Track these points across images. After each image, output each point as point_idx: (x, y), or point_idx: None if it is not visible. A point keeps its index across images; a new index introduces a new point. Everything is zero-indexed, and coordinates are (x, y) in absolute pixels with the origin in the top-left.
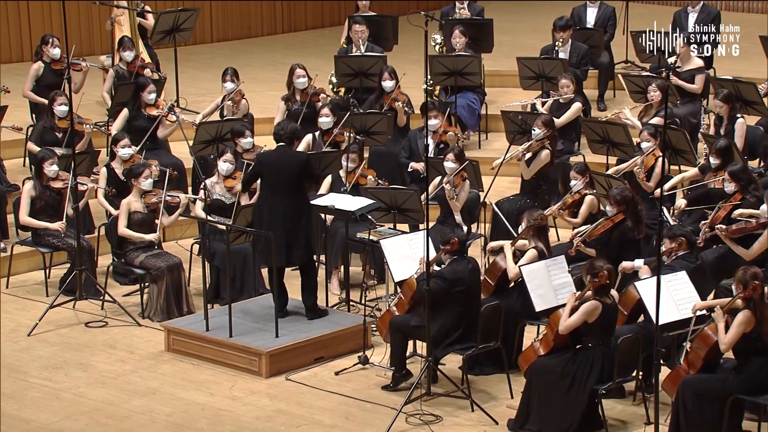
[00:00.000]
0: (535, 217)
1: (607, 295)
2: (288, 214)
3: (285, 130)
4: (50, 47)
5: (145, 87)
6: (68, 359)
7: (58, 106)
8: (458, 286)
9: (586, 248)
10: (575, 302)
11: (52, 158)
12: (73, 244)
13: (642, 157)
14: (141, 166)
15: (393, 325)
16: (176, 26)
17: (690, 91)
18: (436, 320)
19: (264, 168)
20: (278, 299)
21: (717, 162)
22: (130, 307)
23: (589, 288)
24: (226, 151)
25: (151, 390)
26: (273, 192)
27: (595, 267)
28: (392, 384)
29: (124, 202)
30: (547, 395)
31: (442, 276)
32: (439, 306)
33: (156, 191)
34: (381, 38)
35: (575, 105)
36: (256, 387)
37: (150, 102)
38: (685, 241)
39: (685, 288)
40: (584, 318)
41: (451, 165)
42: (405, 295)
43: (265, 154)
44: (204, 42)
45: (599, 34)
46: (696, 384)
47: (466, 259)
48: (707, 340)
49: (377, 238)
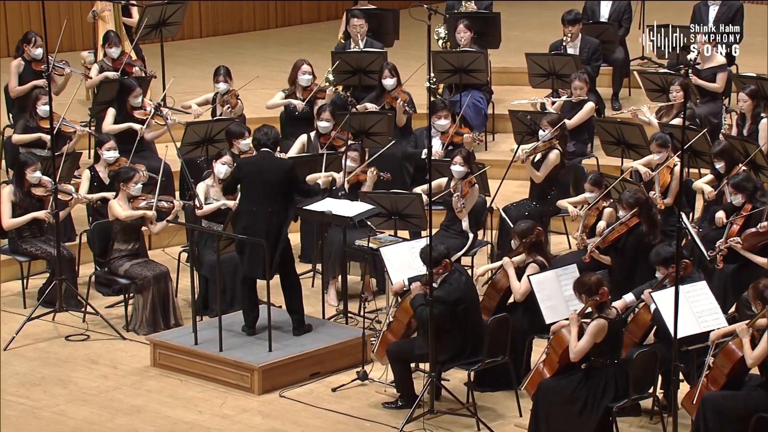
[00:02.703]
0: (525, 234)
1: (609, 309)
2: (271, 223)
3: (268, 136)
4: (32, 47)
5: (132, 91)
6: (47, 375)
7: (41, 105)
8: (459, 306)
9: (600, 255)
10: (578, 322)
11: (35, 164)
12: (53, 253)
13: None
14: (131, 170)
15: (391, 354)
16: (163, 20)
17: (711, 90)
18: (443, 348)
19: (245, 174)
20: (250, 313)
21: (722, 164)
22: (113, 320)
23: (589, 307)
24: (224, 153)
25: (136, 408)
26: (254, 200)
27: (586, 283)
28: (398, 404)
29: (113, 201)
30: (557, 416)
31: (441, 299)
32: (443, 331)
33: (145, 196)
34: (381, 33)
35: (588, 105)
36: (247, 404)
37: (137, 105)
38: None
39: (706, 299)
40: (594, 340)
41: (458, 169)
42: (401, 319)
43: (246, 160)
44: (193, 37)
45: (613, 29)
46: (718, 401)
47: (456, 272)
48: (731, 356)
49: (377, 245)
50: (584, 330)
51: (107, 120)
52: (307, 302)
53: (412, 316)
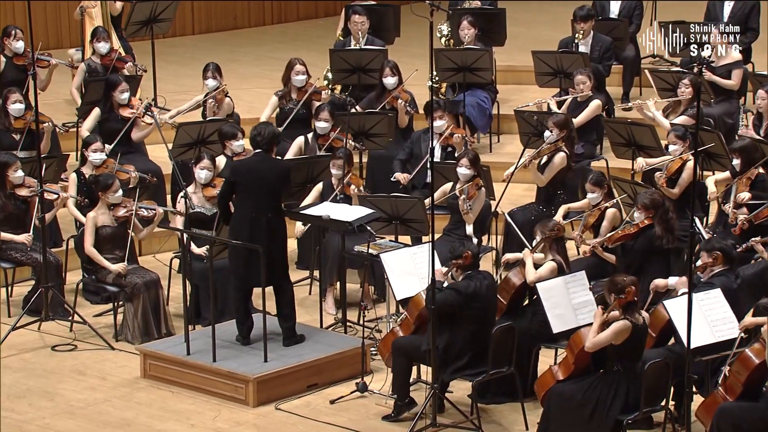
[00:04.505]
0: (551, 228)
1: (637, 314)
2: (269, 229)
3: (263, 135)
4: (13, 40)
5: (117, 86)
6: (32, 387)
7: (12, 104)
8: (474, 303)
9: (603, 252)
10: (603, 318)
11: (16, 163)
12: (39, 259)
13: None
14: (110, 177)
15: (396, 348)
16: (153, 16)
17: (726, 87)
18: (445, 338)
19: (240, 178)
20: (244, 323)
21: (739, 162)
22: (101, 329)
23: (615, 306)
24: (203, 158)
25: (126, 421)
26: (251, 206)
27: (618, 283)
28: (394, 413)
29: (89, 217)
30: (566, 424)
31: (456, 289)
32: (451, 322)
33: (126, 202)
34: (381, 30)
35: (594, 102)
36: (242, 417)
37: (123, 102)
38: (722, 255)
39: (720, 308)
40: (613, 337)
41: (465, 171)
42: (410, 314)
43: (240, 163)
44: (185, 34)
45: (624, 26)
46: (734, 412)
47: (481, 274)
48: (748, 363)
49: (377, 251)
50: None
51: (88, 121)
52: (305, 311)
53: (423, 309)
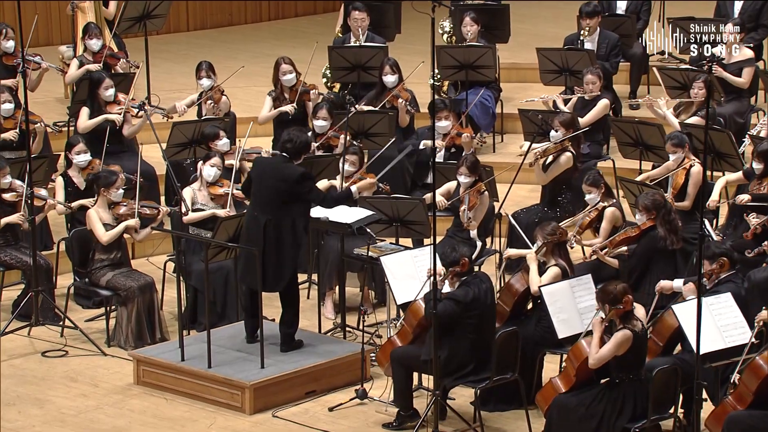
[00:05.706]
0: (551, 232)
1: (634, 320)
2: (268, 231)
3: (293, 143)
4: (2, 39)
5: (101, 83)
6: (22, 394)
7: (1, 104)
8: (473, 311)
9: (606, 257)
10: (602, 328)
11: (5, 168)
12: (28, 262)
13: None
14: (111, 174)
15: (395, 358)
16: (147, 13)
17: (736, 85)
18: (446, 350)
19: (253, 173)
20: (247, 321)
21: (761, 167)
22: (93, 334)
23: (612, 317)
24: (214, 155)
25: (118, 429)
26: (254, 203)
27: (611, 292)
28: (396, 423)
29: (90, 212)
30: None
31: (455, 298)
32: (450, 334)
33: (126, 201)
34: (381, 26)
35: (602, 102)
36: (238, 425)
37: (108, 99)
38: (728, 260)
39: (730, 312)
40: (616, 349)
41: (464, 180)
42: (409, 323)
43: (260, 159)
44: (179, 31)
45: (631, 22)
46: (745, 421)
47: (478, 277)
48: (759, 371)
49: (377, 254)
50: (605, 341)
51: (81, 118)
52: (303, 315)
53: (422, 317)
